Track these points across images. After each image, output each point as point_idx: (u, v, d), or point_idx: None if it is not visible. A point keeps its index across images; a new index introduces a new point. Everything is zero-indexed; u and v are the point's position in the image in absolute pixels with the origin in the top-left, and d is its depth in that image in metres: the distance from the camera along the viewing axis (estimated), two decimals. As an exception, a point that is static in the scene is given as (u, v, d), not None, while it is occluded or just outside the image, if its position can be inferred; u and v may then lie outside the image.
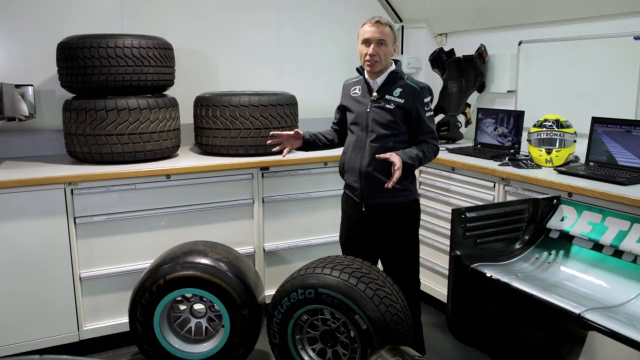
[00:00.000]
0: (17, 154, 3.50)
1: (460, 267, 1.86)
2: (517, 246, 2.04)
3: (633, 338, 1.39)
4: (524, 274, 1.87)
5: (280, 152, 2.91)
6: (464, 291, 1.90)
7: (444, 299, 3.60)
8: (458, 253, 1.87)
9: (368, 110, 2.72)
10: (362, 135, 2.74)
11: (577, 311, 1.53)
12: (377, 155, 2.58)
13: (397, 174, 2.49)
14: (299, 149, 2.95)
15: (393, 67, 2.72)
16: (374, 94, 2.71)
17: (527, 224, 2.07)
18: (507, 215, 2.01)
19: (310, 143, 2.93)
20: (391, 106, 2.67)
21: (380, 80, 2.71)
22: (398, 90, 2.68)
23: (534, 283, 1.75)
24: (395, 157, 2.52)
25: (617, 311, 1.58)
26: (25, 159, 3.43)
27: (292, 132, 2.87)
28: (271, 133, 2.90)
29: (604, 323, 1.46)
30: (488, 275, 1.81)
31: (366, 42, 2.65)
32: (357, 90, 2.80)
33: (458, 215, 1.89)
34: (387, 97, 2.68)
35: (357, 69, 2.80)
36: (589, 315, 1.50)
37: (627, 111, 3.08)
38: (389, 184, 2.51)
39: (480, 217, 1.94)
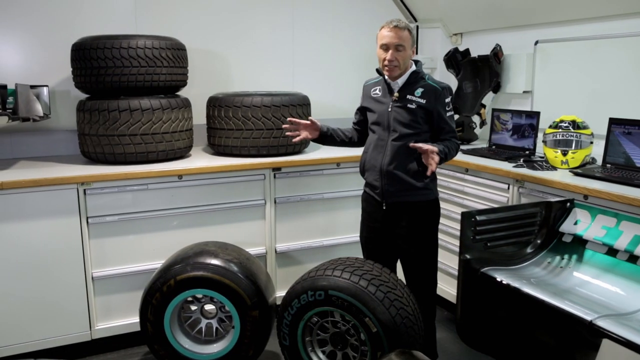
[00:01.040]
0: (32, 154, 3.54)
1: (470, 271, 1.83)
2: (529, 250, 2.00)
3: None
4: (535, 279, 1.83)
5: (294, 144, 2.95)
6: (473, 296, 1.86)
7: (453, 299, 3.56)
8: (468, 257, 1.84)
9: (389, 110, 2.71)
10: (384, 134, 2.73)
11: (589, 318, 1.49)
12: (411, 145, 2.58)
13: (436, 158, 2.52)
14: (316, 140, 2.95)
15: (414, 67, 2.71)
16: (396, 94, 2.70)
17: (540, 228, 2.03)
18: (518, 218, 1.97)
19: (327, 136, 2.94)
20: (413, 106, 2.66)
21: (401, 81, 2.70)
22: (420, 90, 2.67)
23: (546, 288, 1.71)
24: (429, 145, 2.55)
25: (630, 318, 1.53)
26: (40, 159, 3.46)
27: (307, 122, 2.87)
28: (289, 119, 2.90)
29: (616, 331, 1.42)
30: (498, 279, 1.77)
31: (384, 47, 2.64)
32: (377, 91, 2.80)
33: (468, 218, 1.85)
34: (408, 97, 2.68)
35: (377, 70, 2.79)
36: (602, 323, 1.46)
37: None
38: (430, 171, 2.54)
39: (491, 221, 1.91)
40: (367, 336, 2.47)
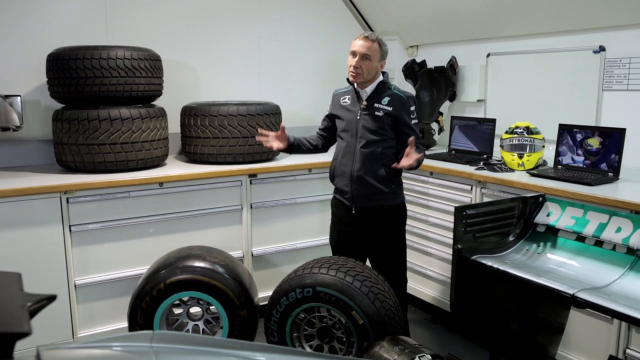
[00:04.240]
0: (3, 164, 3.50)
1: (462, 259, 2.06)
2: (510, 239, 2.26)
3: (621, 311, 1.63)
4: (517, 264, 2.09)
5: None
6: (465, 281, 2.10)
7: (422, 297, 3.81)
8: (459, 247, 2.07)
9: (358, 117, 2.90)
10: (352, 141, 2.92)
11: (571, 292, 1.76)
12: (396, 166, 2.75)
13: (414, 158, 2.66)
14: (284, 150, 3.09)
15: (381, 77, 2.91)
16: (364, 102, 2.90)
17: (518, 220, 2.30)
18: (500, 212, 2.23)
19: (294, 146, 3.09)
20: (380, 113, 2.86)
21: (369, 89, 2.90)
22: (386, 99, 2.87)
23: (529, 270, 1.97)
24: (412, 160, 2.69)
25: (604, 291, 1.80)
26: (13, 169, 3.43)
27: (278, 132, 3.03)
28: (260, 131, 3.07)
29: (595, 300, 1.69)
30: (489, 265, 2.01)
31: (353, 54, 2.84)
32: (346, 100, 2.98)
33: (460, 212, 2.08)
34: (375, 105, 2.87)
35: (348, 79, 2.97)
36: (582, 295, 1.72)
37: (588, 118, 3.37)
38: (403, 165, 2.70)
39: (479, 214, 2.15)
40: (354, 328, 2.64)
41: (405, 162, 2.69)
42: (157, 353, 0.95)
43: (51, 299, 0.94)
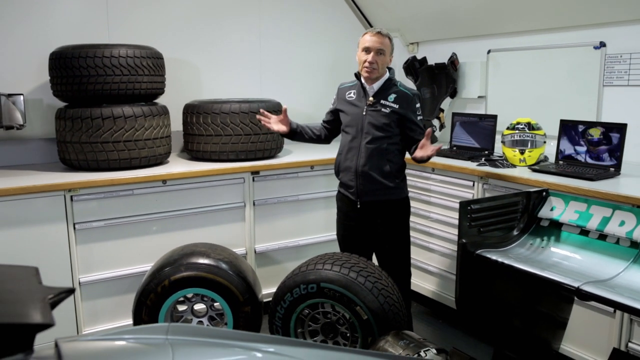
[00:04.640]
0: (5, 163, 3.50)
1: (467, 254, 2.08)
2: (514, 234, 2.28)
3: (626, 303, 1.65)
4: (522, 258, 2.11)
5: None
6: (470, 275, 2.12)
7: (423, 292, 3.83)
8: (464, 241, 2.09)
9: (364, 113, 2.92)
10: (357, 136, 2.94)
11: (576, 284, 1.78)
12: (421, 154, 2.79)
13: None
14: (285, 135, 3.12)
15: (387, 74, 2.94)
16: (371, 98, 2.91)
17: (521, 214, 2.32)
18: (504, 206, 2.25)
19: (296, 133, 3.12)
20: (387, 110, 2.88)
21: (376, 85, 2.92)
22: (393, 96, 2.90)
23: (533, 264, 2.00)
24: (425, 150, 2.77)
25: (608, 284, 1.83)
26: (16, 167, 3.44)
27: (281, 116, 3.05)
28: (261, 110, 3.09)
29: (599, 293, 1.72)
30: (493, 259, 2.03)
31: (366, 50, 2.86)
32: (352, 94, 3.00)
33: (464, 207, 2.10)
34: (382, 101, 2.90)
35: (355, 74, 2.99)
36: (587, 287, 1.75)
37: (589, 114, 3.39)
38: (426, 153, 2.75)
39: (483, 209, 2.17)
40: (358, 324, 2.66)
41: (420, 153, 2.75)
42: (173, 345, 0.96)
43: (70, 291, 0.94)
